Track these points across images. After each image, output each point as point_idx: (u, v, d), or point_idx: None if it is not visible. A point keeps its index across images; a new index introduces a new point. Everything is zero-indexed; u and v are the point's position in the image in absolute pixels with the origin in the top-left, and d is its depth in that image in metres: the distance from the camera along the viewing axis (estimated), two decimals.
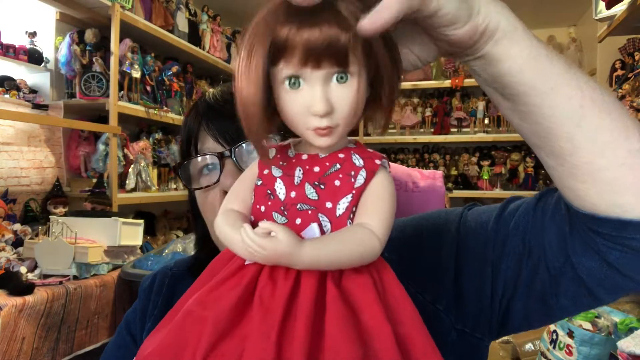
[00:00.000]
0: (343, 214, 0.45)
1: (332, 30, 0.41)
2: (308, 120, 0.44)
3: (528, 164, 4.04)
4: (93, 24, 2.52)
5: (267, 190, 0.47)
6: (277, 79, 0.44)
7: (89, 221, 1.92)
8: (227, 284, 0.43)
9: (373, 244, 0.44)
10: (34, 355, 1.52)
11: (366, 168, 0.47)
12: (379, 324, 0.41)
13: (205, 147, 0.72)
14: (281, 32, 0.42)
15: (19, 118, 2.15)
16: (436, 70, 4.30)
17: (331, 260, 0.42)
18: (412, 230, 0.67)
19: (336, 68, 0.43)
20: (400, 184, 1.06)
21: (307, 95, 0.43)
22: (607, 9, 2.19)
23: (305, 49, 0.41)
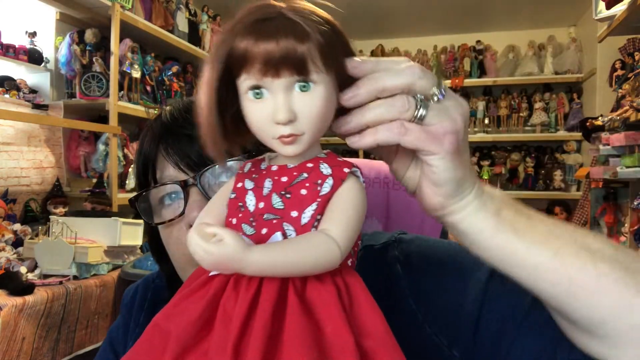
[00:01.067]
0: (308, 223, 0.44)
1: (289, 42, 0.42)
2: (272, 129, 0.44)
3: (528, 164, 4.03)
4: (93, 24, 2.52)
5: (239, 202, 0.48)
6: (241, 90, 0.45)
7: (89, 221, 1.92)
8: (194, 297, 0.43)
9: (329, 248, 0.42)
10: (34, 355, 1.52)
11: (333, 176, 0.46)
12: (340, 335, 0.39)
13: (165, 175, 0.63)
14: (239, 45, 0.43)
15: (19, 118, 2.15)
16: (436, 70, 4.30)
17: (283, 265, 0.41)
18: (436, 261, 0.62)
19: (296, 76, 0.43)
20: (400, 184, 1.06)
21: (270, 104, 0.44)
22: (607, 9, 2.19)
23: (264, 60, 0.42)
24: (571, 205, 3.80)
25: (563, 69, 3.94)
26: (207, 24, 3.40)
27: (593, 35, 2.99)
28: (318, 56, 0.43)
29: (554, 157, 4.01)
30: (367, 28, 4.19)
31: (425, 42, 4.43)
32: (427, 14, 4.00)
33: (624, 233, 2.15)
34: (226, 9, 3.66)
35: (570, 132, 3.87)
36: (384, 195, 1.06)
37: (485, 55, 4.21)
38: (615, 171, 2.00)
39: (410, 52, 4.45)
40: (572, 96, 3.92)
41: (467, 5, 3.76)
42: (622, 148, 2.01)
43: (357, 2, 3.56)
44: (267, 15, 0.43)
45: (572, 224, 0.53)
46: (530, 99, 4.11)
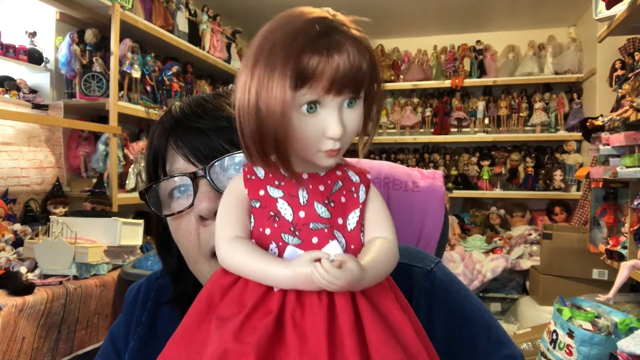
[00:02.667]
0: (355, 229, 0.48)
1: (356, 57, 0.44)
2: (322, 142, 0.46)
3: (528, 164, 4.04)
4: (93, 24, 2.52)
5: (270, 212, 0.48)
6: (295, 103, 0.45)
7: (89, 221, 1.92)
8: (257, 314, 0.44)
9: (397, 253, 0.49)
10: (34, 355, 1.52)
11: (364, 183, 0.51)
12: (403, 323, 0.45)
13: (175, 167, 0.64)
14: (311, 60, 0.43)
15: (19, 118, 2.14)
16: (436, 70, 4.30)
17: (380, 277, 0.46)
18: (465, 322, 0.64)
19: (352, 94, 0.46)
20: (400, 184, 1.06)
21: (323, 120, 0.45)
22: (607, 9, 2.19)
23: (334, 77, 0.44)
24: (571, 205, 3.80)
25: (563, 69, 3.94)
26: (207, 24, 3.40)
27: (593, 35, 2.99)
28: (369, 73, 0.46)
29: (554, 157, 4.01)
30: (367, 28, 4.17)
31: (425, 42, 4.43)
32: (427, 14, 4.00)
33: (624, 233, 2.15)
34: (226, 9, 3.66)
35: (570, 132, 3.87)
36: (384, 195, 1.06)
37: (485, 55, 4.21)
38: (615, 171, 2.00)
39: (410, 52, 4.45)
40: (572, 96, 3.92)
41: (467, 5, 3.76)
42: (622, 148, 2.01)
43: (357, 2, 3.56)
44: (326, 29, 0.44)
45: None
46: (530, 99, 4.11)
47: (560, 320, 1.78)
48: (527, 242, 3.64)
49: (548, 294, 2.93)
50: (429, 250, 1.05)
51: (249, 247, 0.46)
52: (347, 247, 0.48)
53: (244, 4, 3.68)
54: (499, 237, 3.82)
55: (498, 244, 3.73)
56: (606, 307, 1.83)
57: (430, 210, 1.06)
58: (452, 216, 4.03)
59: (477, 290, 3.50)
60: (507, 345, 0.63)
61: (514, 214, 4.15)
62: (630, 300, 2.25)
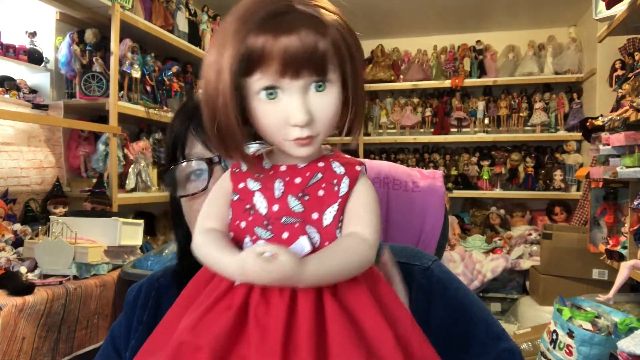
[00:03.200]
0: (331, 224, 0.45)
1: (310, 37, 0.41)
2: (287, 131, 0.43)
3: (528, 164, 4.03)
4: (93, 24, 2.52)
5: (246, 205, 0.46)
6: (251, 90, 0.43)
7: (89, 221, 1.92)
8: (218, 307, 0.42)
9: (369, 252, 0.44)
10: (34, 355, 1.52)
11: (348, 175, 0.46)
12: (380, 330, 0.41)
13: (193, 152, 0.69)
14: (256, 41, 0.41)
15: (19, 118, 2.14)
16: (436, 70, 4.30)
17: (333, 276, 0.42)
18: (463, 318, 0.65)
19: (315, 77, 0.43)
20: (400, 183, 1.06)
21: (285, 106, 0.43)
22: (607, 9, 2.19)
23: (284, 59, 0.41)
24: (571, 205, 3.80)
25: (563, 69, 3.93)
26: (207, 24, 3.40)
27: (593, 35, 2.99)
28: (334, 53, 0.43)
29: (554, 157, 4.01)
30: (367, 28, 4.19)
31: (425, 42, 4.43)
32: (427, 14, 4.00)
33: (624, 233, 2.15)
34: (226, 9, 3.66)
35: (570, 132, 3.87)
36: (384, 195, 1.06)
37: (485, 55, 4.21)
38: (615, 171, 2.00)
39: (410, 52, 4.45)
40: (572, 96, 3.92)
41: (467, 5, 3.76)
42: (622, 148, 2.00)
43: (357, 2, 3.56)
44: (279, 9, 0.42)
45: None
46: (530, 99, 4.11)
47: (560, 320, 1.78)
48: (527, 242, 3.64)
49: (548, 294, 2.93)
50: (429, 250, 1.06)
51: (215, 239, 0.45)
52: (322, 244, 0.45)
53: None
54: (499, 237, 3.82)
55: (498, 244, 3.73)
56: (606, 307, 1.83)
57: (430, 210, 1.06)
58: (452, 216, 4.03)
59: (477, 290, 3.50)
60: (504, 340, 0.64)
61: (514, 214, 4.15)
62: (630, 300, 2.25)
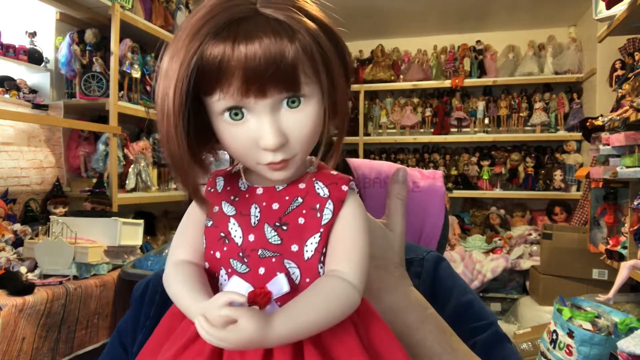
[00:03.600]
0: (312, 257, 0.39)
1: (274, 45, 0.34)
2: (258, 155, 0.38)
3: (528, 164, 4.04)
4: (93, 24, 2.52)
5: (221, 232, 0.41)
6: (213, 110, 0.38)
7: (89, 221, 1.92)
8: (188, 352, 0.38)
9: (351, 296, 0.38)
10: (34, 355, 1.52)
11: (332, 198, 0.40)
12: None
13: None
14: (211, 51, 0.35)
15: (19, 118, 2.14)
16: (436, 70, 4.30)
17: (309, 330, 0.36)
18: (455, 301, 0.65)
19: (285, 93, 0.37)
20: None
21: (253, 128, 0.37)
22: (607, 9, 2.19)
23: (245, 74, 0.35)
24: (571, 205, 3.80)
25: (563, 69, 3.93)
26: None
27: (593, 35, 2.99)
28: (307, 61, 0.36)
29: (554, 157, 4.01)
30: (367, 28, 4.19)
31: (425, 42, 4.43)
32: (427, 14, 4.00)
33: (624, 233, 2.15)
34: None
35: (570, 132, 3.87)
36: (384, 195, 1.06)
37: (485, 55, 4.21)
38: (615, 171, 2.00)
39: (410, 52, 4.45)
40: (572, 96, 3.92)
41: (467, 5, 3.76)
42: (622, 148, 2.00)
43: (357, 2, 3.56)
44: (240, 13, 0.35)
45: None
46: (530, 99, 4.11)
47: (560, 320, 1.78)
48: (527, 242, 3.64)
49: (548, 294, 2.93)
50: None
51: (184, 275, 0.40)
52: (302, 280, 0.39)
53: None
54: (499, 237, 3.82)
55: (498, 244, 3.73)
56: (606, 307, 1.83)
57: (430, 210, 1.06)
58: (452, 216, 4.03)
59: (477, 290, 3.50)
60: (494, 324, 0.64)
61: (514, 214, 4.15)
62: (630, 300, 2.25)
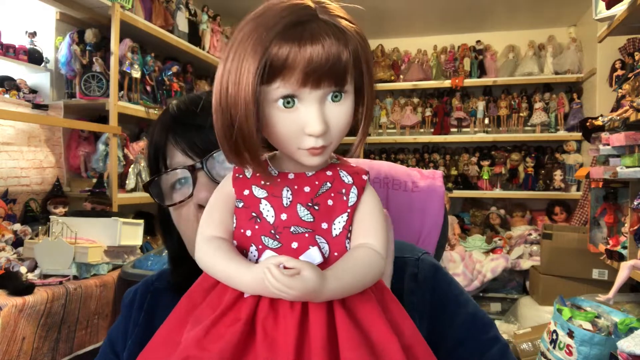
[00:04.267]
0: (340, 234, 0.45)
1: (334, 47, 0.41)
2: (302, 140, 0.43)
3: (528, 164, 4.03)
4: (93, 24, 2.52)
5: (252, 212, 0.45)
6: (268, 97, 0.42)
7: (89, 221, 1.91)
8: (225, 320, 0.41)
9: (380, 263, 0.44)
10: (34, 355, 1.52)
11: (356, 185, 0.46)
12: (387, 340, 0.41)
13: (174, 161, 0.68)
14: (280, 50, 0.40)
15: (19, 118, 2.14)
16: (436, 70, 4.30)
17: (351, 289, 0.42)
18: (454, 305, 0.67)
19: (333, 87, 0.42)
20: (399, 183, 1.06)
21: (302, 115, 0.42)
22: (607, 9, 2.19)
23: (307, 69, 0.40)
24: (571, 205, 3.80)
25: (563, 69, 3.93)
26: (207, 24, 3.40)
27: (593, 35, 2.99)
28: (352, 63, 0.43)
29: (554, 157, 4.01)
30: (367, 28, 4.15)
31: (425, 42, 4.43)
32: (427, 14, 4.00)
33: (624, 233, 2.15)
34: (226, 9, 3.66)
35: (570, 132, 3.87)
36: (384, 195, 1.06)
37: (485, 55, 4.21)
38: (615, 171, 2.00)
39: (410, 52, 4.45)
40: (572, 96, 3.92)
41: (467, 5, 3.76)
42: (622, 148, 2.00)
43: (357, 2, 3.56)
44: (302, 18, 0.41)
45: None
46: (530, 99, 4.11)
47: (560, 320, 1.78)
48: (527, 242, 3.64)
49: (548, 294, 2.93)
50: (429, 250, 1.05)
51: (221, 248, 0.44)
52: (331, 254, 0.44)
53: (243, 4, 3.67)
54: (499, 237, 3.82)
55: (498, 244, 3.73)
56: (606, 307, 1.83)
57: (430, 210, 1.05)
58: (452, 216, 4.03)
59: (477, 290, 3.50)
60: (491, 329, 0.65)
61: (514, 214, 4.15)
62: (630, 300, 2.25)
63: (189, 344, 0.40)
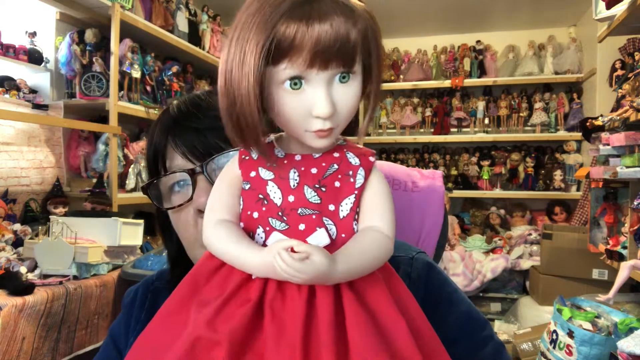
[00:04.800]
0: (347, 216, 0.45)
1: (343, 26, 0.40)
2: (309, 122, 0.42)
3: (528, 164, 4.03)
4: (93, 24, 2.52)
5: (259, 194, 0.45)
6: (275, 79, 0.42)
7: (89, 221, 1.91)
8: (234, 301, 0.41)
9: (388, 245, 0.44)
10: (34, 355, 1.52)
11: (363, 166, 0.46)
12: (395, 322, 0.41)
13: (174, 164, 0.67)
14: (287, 28, 0.39)
15: (19, 118, 2.15)
16: (436, 70, 4.30)
17: (359, 271, 0.42)
18: (447, 302, 0.66)
19: (342, 68, 0.42)
20: (400, 183, 1.06)
21: (310, 97, 0.42)
22: (607, 9, 2.19)
23: (315, 49, 0.39)
24: (571, 205, 3.80)
25: (563, 69, 3.93)
26: (207, 24, 3.40)
27: (593, 35, 2.99)
28: (361, 43, 0.42)
29: (554, 157, 4.01)
30: None
31: (425, 42, 4.43)
32: (427, 14, 4.00)
33: (624, 233, 2.15)
34: (226, 9, 3.66)
35: (570, 132, 3.87)
36: None
37: (485, 55, 4.21)
38: (615, 171, 2.00)
39: (410, 52, 4.45)
40: (572, 96, 3.92)
41: (467, 5, 3.76)
42: (622, 148, 2.00)
43: None
44: None
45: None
46: (530, 99, 4.11)
47: (560, 320, 1.78)
48: (527, 242, 3.64)
49: (548, 294, 2.93)
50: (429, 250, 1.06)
51: (230, 231, 0.44)
52: (338, 236, 0.44)
53: (244, 4, 3.68)
54: (499, 237, 3.82)
55: (498, 244, 3.73)
56: (606, 307, 1.83)
57: (430, 210, 1.06)
58: (452, 216, 4.03)
59: (477, 290, 3.50)
60: (486, 328, 0.65)
61: (514, 214, 4.15)
62: (630, 300, 2.25)
63: (199, 324, 0.40)
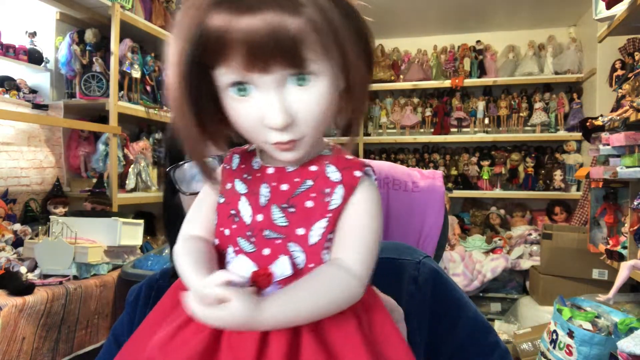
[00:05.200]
0: (318, 243, 0.38)
1: (276, 17, 0.32)
2: (265, 133, 0.37)
3: (528, 164, 4.03)
4: (93, 24, 2.52)
5: (231, 209, 0.40)
6: (220, 84, 0.36)
7: (89, 221, 1.92)
8: (191, 327, 0.37)
9: (348, 286, 0.36)
10: (34, 355, 1.52)
11: (344, 183, 0.38)
12: None
13: None
14: (211, 23, 0.34)
15: (19, 118, 2.15)
16: (436, 70, 4.30)
17: (304, 316, 0.35)
18: (455, 307, 0.66)
19: (290, 69, 0.35)
20: (400, 183, 1.06)
21: (259, 105, 0.36)
22: (607, 9, 2.19)
23: (247, 47, 0.33)
24: (571, 205, 3.80)
25: (563, 69, 3.93)
26: None
27: (593, 35, 2.99)
28: (315, 37, 0.34)
29: (554, 157, 4.01)
30: None
31: (425, 42, 4.43)
32: (427, 14, 4.00)
33: (624, 233, 2.15)
34: None
35: (570, 132, 3.87)
36: (384, 195, 1.06)
37: (485, 55, 4.21)
38: (615, 171, 2.00)
39: (410, 52, 4.45)
40: (572, 96, 3.92)
41: (467, 5, 3.76)
42: (622, 148, 2.00)
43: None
44: None
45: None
46: (530, 99, 4.11)
47: (560, 320, 1.78)
48: (527, 242, 3.64)
49: (548, 294, 2.93)
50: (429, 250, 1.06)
51: (191, 251, 0.40)
52: (305, 266, 0.38)
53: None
54: (499, 237, 3.82)
55: (498, 244, 3.73)
56: (606, 307, 1.83)
57: (430, 210, 1.06)
58: (452, 216, 4.03)
59: (477, 290, 3.50)
60: (492, 334, 0.65)
61: (514, 214, 4.15)
62: (630, 300, 2.25)
63: (153, 347, 0.37)
